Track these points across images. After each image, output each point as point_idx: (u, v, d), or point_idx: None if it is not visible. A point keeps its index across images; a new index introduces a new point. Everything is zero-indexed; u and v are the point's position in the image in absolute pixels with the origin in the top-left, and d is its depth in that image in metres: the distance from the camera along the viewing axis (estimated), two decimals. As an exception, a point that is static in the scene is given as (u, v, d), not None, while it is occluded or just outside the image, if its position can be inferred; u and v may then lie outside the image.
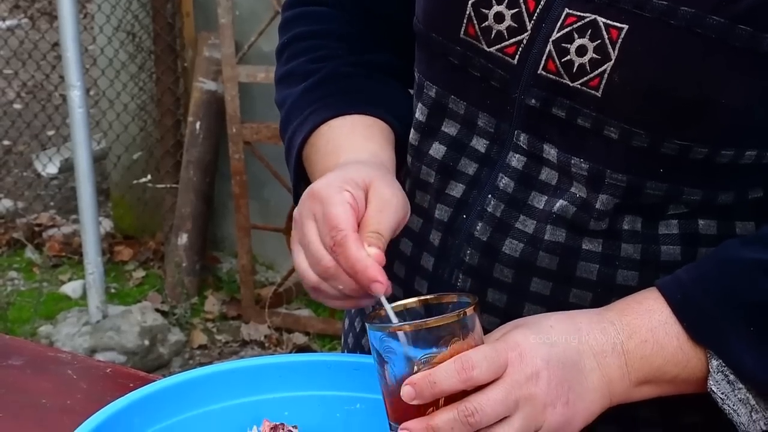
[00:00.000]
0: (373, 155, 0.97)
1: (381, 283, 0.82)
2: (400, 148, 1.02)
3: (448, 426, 0.79)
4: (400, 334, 0.80)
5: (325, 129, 1.01)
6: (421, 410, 0.80)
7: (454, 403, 0.79)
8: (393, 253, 1.02)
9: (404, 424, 0.80)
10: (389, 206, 0.87)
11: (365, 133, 1.00)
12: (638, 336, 0.85)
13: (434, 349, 0.79)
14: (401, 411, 0.80)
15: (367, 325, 0.82)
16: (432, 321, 0.80)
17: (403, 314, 0.85)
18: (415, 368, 0.79)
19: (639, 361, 0.85)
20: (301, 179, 1.05)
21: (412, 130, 1.01)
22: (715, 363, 0.85)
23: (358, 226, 0.85)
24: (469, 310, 0.80)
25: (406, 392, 0.79)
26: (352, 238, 0.83)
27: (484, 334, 0.83)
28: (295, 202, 1.09)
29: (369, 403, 0.94)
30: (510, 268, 0.93)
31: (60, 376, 1.21)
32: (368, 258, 0.82)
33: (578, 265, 0.91)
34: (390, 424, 0.82)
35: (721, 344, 0.84)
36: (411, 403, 0.79)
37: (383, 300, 0.83)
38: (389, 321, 0.84)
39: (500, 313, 0.93)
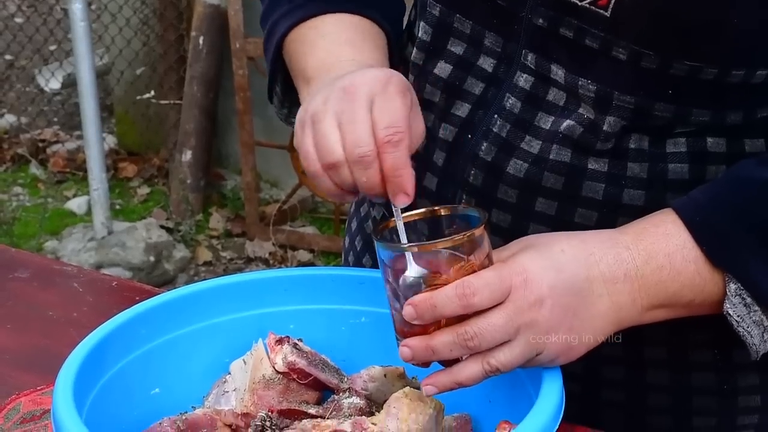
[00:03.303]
0: (382, 65, 0.95)
1: (408, 197, 0.81)
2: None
3: (447, 348, 0.79)
4: (407, 253, 0.80)
5: (317, 23, 0.98)
6: (424, 327, 0.80)
7: (454, 326, 0.79)
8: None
9: (405, 341, 0.81)
10: (422, 137, 0.86)
11: (372, 41, 0.98)
12: (655, 261, 0.84)
13: (441, 268, 0.79)
14: (405, 326, 0.81)
15: (375, 240, 0.82)
16: (440, 242, 0.79)
17: (412, 225, 0.84)
18: (421, 286, 0.79)
19: (654, 287, 0.84)
20: (277, 70, 1.02)
21: (415, 49, 1.00)
22: (733, 286, 0.84)
23: None
24: (478, 231, 0.80)
25: (408, 312, 0.79)
26: (406, 143, 0.82)
27: None
28: (270, 88, 1.05)
29: (374, 316, 0.95)
30: (514, 189, 0.92)
31: (66, 289, 1.22)
32: (411, 168, 0.82)
33: (584, 185, 0.91)
34: (396, 337, 0.83)
35: (740, 267, 0.84)
36: (412, 323, 0.80)
37: (396, 211, 0.83)
38: (397, 234, 0.84)
39: (505, 233, 0.93)
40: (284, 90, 1.05)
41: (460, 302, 0.78)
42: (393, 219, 0.84)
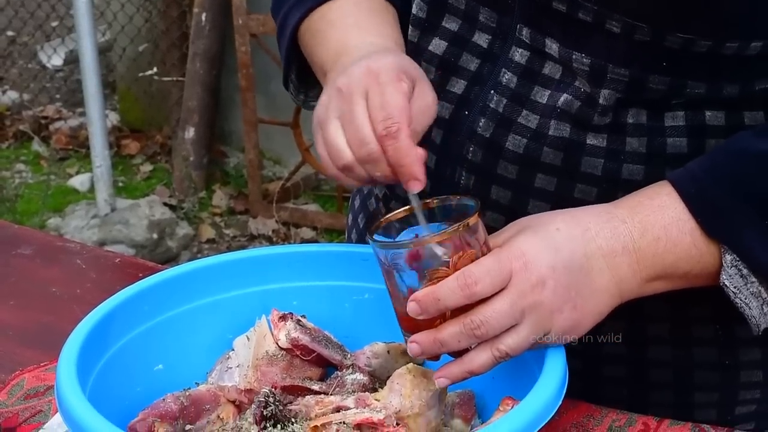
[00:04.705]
0: (396, 43, 0.95)
1: (420, 182, 0.81)
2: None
3: (455, 339, 0.80)
4: (404, 250, 0.80)
5: (324, 11, 0.99)
6: (429, 321, 0.80)
7: (460, 317, 0.79)
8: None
9: (413, 337, 0.81)
10: (430, 110, 0.86)
11: (379, 17, 0.98)
12: (651, 234, 0.84)
13: (439, 261, 0.79)
14: (411, 322, 0.81)
15: (370, 242, 0.82)
16: (435, 236, 0.79)
17: (408, 218, 0.84)
18: (422, 281, 0.79)
19: (651, 259, 0.84)
20: (292, 60, 1.03)
21: (410, 26, 1.00)
22: (729, 257, 0.84)
23: None
24: (472, 220, 0.79)
25: (412, 308, 0.79)
26: (406, 131, 0.81)
27: (489, 232, 0.83)
28: (285, 82, 1.07)
29: (377, 293, 0.95)
30: (514, 164, 0.92)
31: (69, 265, 1.22)
32: (416, 154, 0.81)
33: (583, 160, 0.90)
34: (403, 333, 0.83)
35: (736, 238, 0.84)
36: (417, 318, 0.80)
37: (411, 196, 0.83)
38: (391, 231, 0.84)
39: (504, 209, 0.93)
40: (299, 76, 1.05)
41: (462, 292, 0.78)
42: (384, 218, 0.85)
